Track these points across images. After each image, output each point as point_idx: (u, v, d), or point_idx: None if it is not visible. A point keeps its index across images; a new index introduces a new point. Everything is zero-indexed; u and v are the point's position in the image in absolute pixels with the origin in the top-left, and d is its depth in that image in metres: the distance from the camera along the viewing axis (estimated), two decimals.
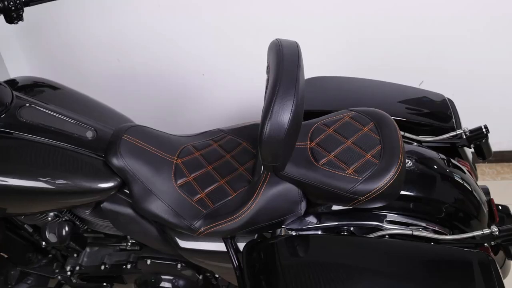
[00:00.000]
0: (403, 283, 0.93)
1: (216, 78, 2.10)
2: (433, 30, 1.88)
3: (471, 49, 1.95)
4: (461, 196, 1.13)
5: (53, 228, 1.21)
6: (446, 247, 1.01)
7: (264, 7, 1.85)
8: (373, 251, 0.97)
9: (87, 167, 1.11)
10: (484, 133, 1.22)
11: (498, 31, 1.89)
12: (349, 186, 0.98)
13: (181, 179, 1.15)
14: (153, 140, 1.18)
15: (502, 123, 2.16)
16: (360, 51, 1.97)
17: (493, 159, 2.26)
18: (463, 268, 0.96)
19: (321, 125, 1.12)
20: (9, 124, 1.08)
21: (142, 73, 2.10)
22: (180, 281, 1.32)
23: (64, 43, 2.02)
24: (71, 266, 1.41)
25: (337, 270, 0.94)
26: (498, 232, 1.01)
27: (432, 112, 1.31)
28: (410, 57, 1.97)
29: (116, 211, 1.17)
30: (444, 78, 1.98)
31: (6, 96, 1.11)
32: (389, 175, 0.97)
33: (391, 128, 1.07)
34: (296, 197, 1.05)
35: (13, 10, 1.17)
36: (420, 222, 1.08)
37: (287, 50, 0.94)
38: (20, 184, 1.05)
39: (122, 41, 2.00)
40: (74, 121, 1.15)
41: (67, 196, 1.10)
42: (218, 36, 1.96)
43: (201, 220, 1.09)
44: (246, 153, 1.21)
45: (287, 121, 0.86)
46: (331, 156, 1.04)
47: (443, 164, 1.17)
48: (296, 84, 0.88)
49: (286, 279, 0.94)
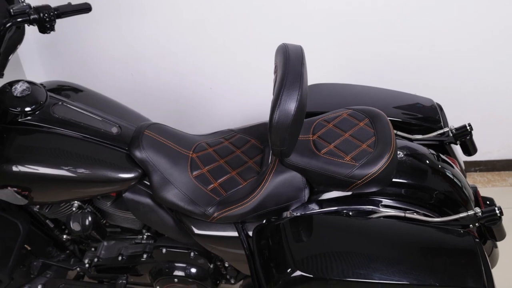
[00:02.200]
0: (394, 257, 1.04)
1: (223, 92, 2.25)
2: (425, 48, 2.05)
3: (459, 65, 2.10)
4: (449, 185, 1.25)
5: (77, 218, 1.32)
6: (434, 227, 1.12)
7: (266, 26, 2.01)
8: (368, 229, 1.09)
9: (112, 159, 1.24)
10: (468, 131, 1.36)
11: (486, 52, 2.05)
12: (347, 171, 1.10)
13: (196, 171, 1.28)
14: (171, 136, 1.32)
15: (491, 134, 2.30)
16: (358, 67, 2.12)
17: (483, 168, 2.39)
18: (449, 245, 1.08)
19: (322, 121, 1.26)
20: (43, 119, 1.22)
21: (153, 87, 2.25)
22: (192, 269, 1.41)
23: (81, 59, 2.17)
24: (89, 259, 1.51)
25: (337, 245, 1.06)
26: (481, 214, 1.13)
27: (422, 114, 1.44)
28: (404, 73, 2.12)
29: (136, 201, 1.29)
30: (434, 92, 2.13)
31: (41, 95, 1.25)
32: (382, 161, 1.10)
33: (384, 123, 1.21)
34: (300, 184, 1.18)
35: (47, 21, 1.32)
36: (412, 207, 1.20)
37: (293, 51, 1.08)
38: (50, 172, 1.18)
39: (136, 57, 2.16)
40: (100, 118, 1.29)
41: (93, 184, 1.22)
42: (224, 52, 2.11)
43: (215, 206, 1.21)
44: (254, 149, 1.34)
45: (293, 109, 0.99)
46: (331, 146, 1.17)
47: (432, 157, 1.30)
48: (301, 78, 1.02)
49: (292, 255, 1.05)
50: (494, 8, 1.92)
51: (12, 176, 1.17)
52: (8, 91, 1.21)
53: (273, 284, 1.05)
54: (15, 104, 1.19)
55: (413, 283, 1.00)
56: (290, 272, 1.02)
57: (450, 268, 1.03)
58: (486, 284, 1.01)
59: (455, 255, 1.06)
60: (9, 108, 1.19)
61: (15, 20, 1.29)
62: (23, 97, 1.21)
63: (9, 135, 1.19)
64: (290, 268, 1.02)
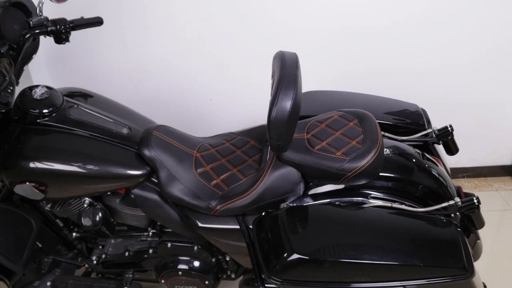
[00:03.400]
0: (382, 241, 1.14)
1: (222, 103, 2.38)
2: (418, 63, 2.21)
3: (449, 79, 2.26)
4: (433, 180, 1.36)
5: (88, 213, 1.41)
6: (419, 216, 1.23)
7: (262, 44, 2.15)
8: (358, 217, 1.20)
9: (122, 157, 1.34)
10: (450, 131, 1.48)
11: (473, 69, 2.22)
12: (338, 164, 1.22)
13: (200, 168, 1.39)
14: (177, 137, 1.43)
15: (477, 143, 2.43)
16: (352, 80, 2.26)
17: (470, 174, 2.51)
18: (432, 231, 1.18)
19: (315, 122, 1.38)
20: (60, 120, 1.33)
21: (156, 99, 2.37)
22: (195, 262, 1.50)
23: (87, 71, 2.30)
24: (97, 256, 1.59)
25: (330, 231, 1.16)
26: (461, 203, 1.24)
27: (408, 117, 1.56)
28: (395, 86, 2.26)
29: (144, 197, 1.39)
30: (426, 103, 2.25)
31: (58, 99, 1.36)
32: (370, 156, 1.22)
33: (371, 123, 1.33)
34: (296, 178, 1.28)
35: (63, 32, 1.45)
36: (399, 199, 1.30)
37: (289, 57, 1.21)
38: (66, 169, 1.29)
39: (139, 70, 2.29)
40: (112, 120, 1.40)
41: (105, 180, 1.33)
42: (223, 67, 2.25)
43: (217, 200, 1.31)
44: (253, 149, 1.45)
45: (289, 107, 1.11)
46: (324, 143, 1.29)
47: (417, 155, 1.41)
48: (296, 80, 1.14)
49: (289, 241, 1.15)
50: (483, 28, 2.10)
51: (31, 172, 1.27)
52: (28, 94, 1.32)
53: (272, 268, 1.15)
54: (34, 106, 1.31)
55: (399, 264, 1.10)
56: (287, 256, 1.12)
57: (433, 251, 1.13)
58: (466, 265, 1.11)
59: (438, 240, 1.16)
60: (29, 110, 1.30)
61: (34, 31, 1.42)
62: (42, 100, 1.32)
63: (29, 135, 1.30)
64: (287, 252, 1.12)
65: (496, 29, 2.11)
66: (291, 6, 2.05)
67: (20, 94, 1.33)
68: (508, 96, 2.31)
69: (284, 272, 1.13)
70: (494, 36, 2.13)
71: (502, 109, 2.35)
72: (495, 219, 2.24)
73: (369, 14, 2.07)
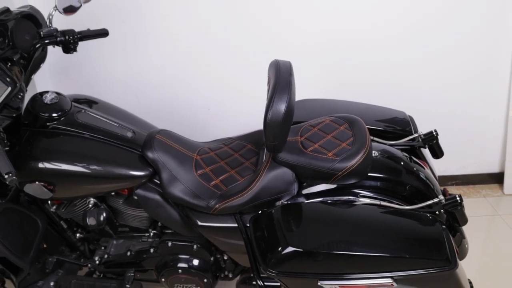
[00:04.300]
0: (371, 235, 1.22)
1: (220, 112, 2.47)
2: (408, 77, 2.33)
3: (435, 93, 2.37)
4: (419, 181, 1.44)
5: (93, 213, 1.49)
6: (405, 212, 1.31)
7: (259, 56, 2.26)
8: (349, 213, 1.28)
9: (127, 158, 1.42)
10: (435, 136, 1.57)
11: (459, 82, 2.34)
12: (329, 164, 1.30)
13: (200, 170, 1.47)
14: (178, 141, 1.52)
15: (466, 152, 2.53)
16: (344, 91, 2.36)
17: (459, 181, 2.60)
18: (418, 226, 1.26)
19: (308, 126, 1.47)
20: (68, 124, 1.41)
21: (156, 108, 2.46)
22: (195, 261, 1.57)
23: (89, 81, 2.38)
24: (100, 256, 1.66)
25: (322, 225, 1.24)
26: (444, 201, 1.32)
27: (396, 123, 1.66)
28: (384, 96, 2.37)
29: (147, 197, 1.47)
30: (416, 115, 2.36)
31: (67, 104, 1.45)
32: (358, 156, 1.30)
33: (360, 126, 1.42)
34: (290, 178, 1.37)
35: (71, 43, 1.54)
36: (387, 198, 1.38)
37: (283, 65, 1.30)
38: (74, 169, 1.37)
39: (140, 80, 2.38)
40: (117, 124, 1.49)
41: (110, 180, 1.40)
42: (221, 78, 2.36)
43: (216, 199, 1.39)
44: (250, 152, 1.54)
45: (283, 109, 1.20)
46: (316, 145, 1.37)
47: (405, 158, 1.50)
48: (289, 85, 1.23)
49: (284, 235, 1.23)
50: (470, 44, 2.24)
51: (41, 172, 1.34)
52: (39, 99, 1.41)
53: (268, 261, 1.22)
54: (45, 110, 1.39)
55: (387, 256, 1.17)
56: (282, 249, 1.20)
57: (419, 244, 1.22)
58: (450, 258, 1.19)
59: (423, 234, 1.24)
60: (40, 114, 1.38)
61: (44, 41, 1.51)
62: (52, 104, 1.40)
63: (39, 137, 1.38)
64: (282, 246, 1.20)
65: (483, 47, 2.24)
66: (285, 20, 2.17)
67: (32, 99, 1.42)
68: (491, 109, 2.43)
69: (279, 265, 1.21)
70: (480, 53, 2.26)
71: (487, 121, 2.46)
72: (483, 224, 2.32)
73: (360, 30, 2.19)
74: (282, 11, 2.16)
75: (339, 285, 1.21)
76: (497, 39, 2.24)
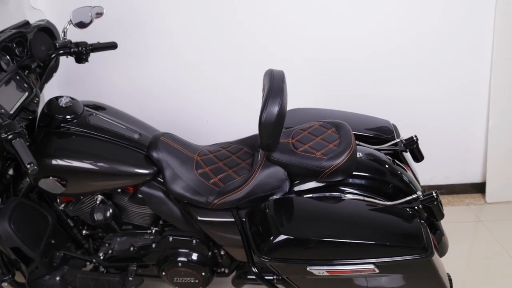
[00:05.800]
0: (355, 225, 1.35)
1: (218, 124, 2.61)
2: (396, 92, 2.49)
3: (422, 108, 2.53)
4: (401, 180, 1.58)
5: (100, 209, 1.61)
6: (387, 207, 1.44)
7: (256, 70, 2.38)
8: (335, 206, 1.41)
9: (133, 158, 1.56)
10: (415, 140, 1.71)
11: (447, 98, 2.51)
12: (318, 163, 1.44)
13: (200, 169, 1.60)
14: (181, 143, 1.66)
15: (450, 163, 2.68)
16: (333, 104, 2.51)
17: (444, 191, 2.73)
18: (398, 219, 1.39)
19: (299, 130, 1.62)
20: (81, 125, 1.55)
21: (158, 120, 2.57)
22: (194, 255, 1.67)
23: (93, 93, 2.51)
24: (104, 252, 1.76)
25: (311, 216, 1.37)
26: (422, 196, 1.45)
27: (380, 130, 1.80)
28: (370, 112, 2.52)
29: (151, 194, 1.59)
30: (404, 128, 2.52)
31: (79, 108, 1.59)
32: (344, 155, 1.45)
33: (346, 130, 1.57)
34: (282, 176, 1.50)
35: (83, 53, 1.70)
36: (371, 194, 1.51)
37: (277, 73, 1.46)
38: (85, 166, 1.50)
39: (143, 93, 2.53)
40: (125, 127, 1.63)
41: (118, 177, 1.53)
42: (219, 91, 2.51)
43: (215, 195, 1.52)
44: (246, 154, 1.68)
45: (276, 111, 1.34)
46: (306, 146, 1.51)
47: (388, 160, 1.64)
48: (282, 91, 1.38)
49: (276, 225, 1.35)
50: (458, 63, 2.42)
51: (54, 168, 1.47)
52: (54, 102, 1.55)
53: (262, 248, 1.34)
54: (60, 112, 1.53)
55: (369, 242, 1.30)
56: (275, 237, 1.32)
57: (398, 234, 1.34)
58: (426, 246, 1.31)
59: (403, 225, 1.37)
60: (55, 116, 1.52)
61: (59, 52, 1.66)
62: (66, 107, 1.54)
63: (53, 137, 1.51)
64: (275, 234, 1.32)
65: (464, 71, 2.43)
66: (281, 39, 2.36)
67: (48, 102, 1.56)
68: (474, 124, 2.59)
69: (272, 252, 1.33)
70: (462, 74, 2.44)
71: (471, 135, 2.62)
72: (467, 230, 2.45)
73: (348, 49, 2.37)
74: (279, 32, 2.34)
75: (326, 270, 1.33)
76: (475, 64, 2.43)
